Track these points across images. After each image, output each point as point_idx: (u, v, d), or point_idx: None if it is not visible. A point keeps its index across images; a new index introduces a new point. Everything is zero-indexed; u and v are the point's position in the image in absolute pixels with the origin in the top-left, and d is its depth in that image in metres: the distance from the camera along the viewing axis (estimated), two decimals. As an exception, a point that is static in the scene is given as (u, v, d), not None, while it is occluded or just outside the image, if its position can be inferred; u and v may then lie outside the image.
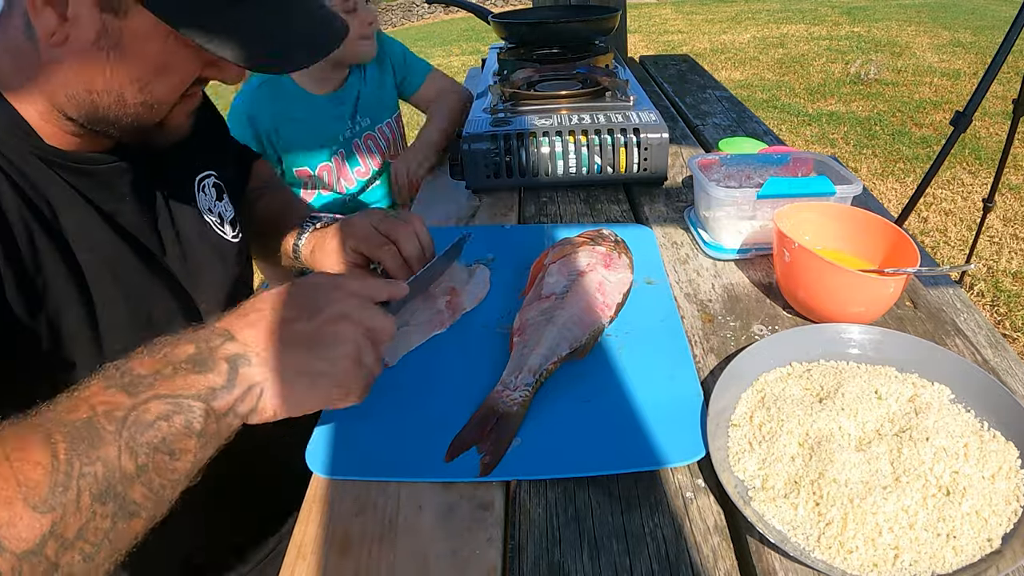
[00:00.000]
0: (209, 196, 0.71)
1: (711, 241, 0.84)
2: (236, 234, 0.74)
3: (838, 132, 4.20)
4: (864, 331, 0.63)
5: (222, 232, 0.71)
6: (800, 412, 0.54)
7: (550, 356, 0.61)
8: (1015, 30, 1.57)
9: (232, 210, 0.75)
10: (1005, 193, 3.06)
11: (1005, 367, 1.04)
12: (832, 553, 0.45)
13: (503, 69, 1.31)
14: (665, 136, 1.01)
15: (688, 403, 0.58)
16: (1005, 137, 1.88)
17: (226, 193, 0.75)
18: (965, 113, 1.71)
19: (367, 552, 0.47)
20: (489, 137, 1.02)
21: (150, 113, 0.54)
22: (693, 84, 1.74)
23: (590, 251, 0.75)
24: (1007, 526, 0.46)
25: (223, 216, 0.73)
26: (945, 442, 0.50)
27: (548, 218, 0.99)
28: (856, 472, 0.49)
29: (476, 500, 0.51)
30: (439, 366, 0.65)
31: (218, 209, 0.72)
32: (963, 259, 2.50)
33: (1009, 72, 2.92)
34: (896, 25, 7.31)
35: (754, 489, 0.50)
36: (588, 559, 0.46)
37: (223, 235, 0.71)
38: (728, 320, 0.72)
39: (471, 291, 0.75)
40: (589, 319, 0.66)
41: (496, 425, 0.56)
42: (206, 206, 0.70)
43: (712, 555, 0.46)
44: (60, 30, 0.48)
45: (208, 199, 0.71)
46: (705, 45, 7.10)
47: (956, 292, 1.27)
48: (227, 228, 0.72)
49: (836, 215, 0.76)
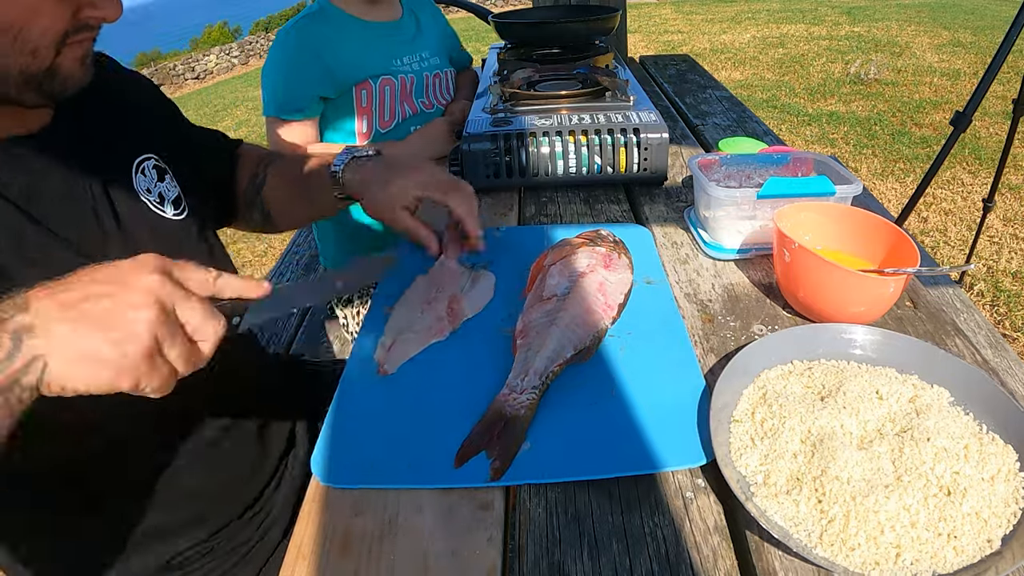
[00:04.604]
0: (149, 177, 0.71)
1: (711, 241, 0.84)
2: (179, 212, 0.73)
3: (838, 132, 4.21)
4: (864, 332, 0.63)
5: (161, 211, 0.71)
6: (802, 409, 0.54)
7: (555, 358, 0.61)
8: (1015, 30, 1.57)
9: (176, 189, 0.74)
10: (1005, 193, 3.06)
11: (1005, 367, 1.04)
12: (834, 550, 0.45)
13: (503, 69, 1.31)
14: (665, 136, 1.01)
15: (693, 406, 0.58)
16: (1005, 137, 1.88)
17: (169, 174, 0.74)
18: (965, 113, 1.71)
19: (367, 552, 0.47)
20: (489, 137, 1.02)
21: (35, 61, 0.54)
22: (693, 84, 1.75)
23: (590, 252, 0.75)
24: (1006, 528, 0.46)
25: (164, 196, 0.72)
26: (946, 443, 0.50)
27: (548, 218, 0.99)
28: (858, 470, 0.49)
29: (476, 500, 0.51)
30: (441, 371, 0.65)
31: (159, 189, 0.72)
32: (963, 259, 2.50)
33: (1009, 72, 2.93)
34: (896, 25, 7.32)
35: (756, 485, 0.50)
36: (588, 559, 0.46)
37: (162, 214, 0.70)
38: (728, 320, 0.72)
39: (473, 298, 0.74)
40: (592, 320, 0.66)
41: (504, 429, 0.55)
42: (144, 187, 0.70)
43: (712, 555, 0.46)
44: None
45: (148, 180, 0.71)
46: (705, 45, 7.10)
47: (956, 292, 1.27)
48: (167, 208, 0.72)
49: (836, 215, 0.76)
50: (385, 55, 1.32)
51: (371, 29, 1.31)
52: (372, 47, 1.30)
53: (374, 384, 0.63)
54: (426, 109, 1.37)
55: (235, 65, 12.47)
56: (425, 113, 1.37)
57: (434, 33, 1.44)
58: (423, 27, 1.41)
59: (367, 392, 0.62)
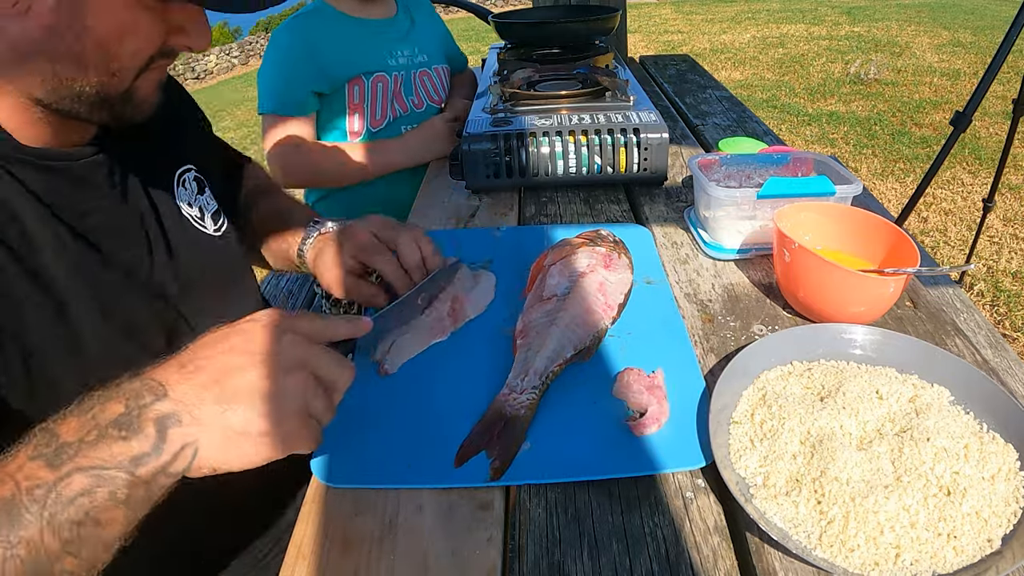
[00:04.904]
0: (190, 190, 0.70)
1: (711, 241, 0.84)
2: (218, 228, 0.72)
3: (838, 132, 4.21)
4: (864, 332, 0.63)
5: (202, 227, 0.70)
6: (801, 410, 0.54)
7: (555, 358, 0.61)
8: (1015, 30, 1.57)
9: (215, 203, 0.73)
10: (1005, 193, 3.06)
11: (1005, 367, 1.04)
12: (834, 551, 0.45)
13: (503, 69, 1.31)
14: (665, 136, 1.01)
15: (693, 407, 0.58)
16: (1005, 137, 1.88)
17: (208, 186, 0.73)
18: (965, 113, 1.71)
19: (367, 552, 0.47)
20: (489, 137, 1.02)
21: (113, 81, 0.53)
22: (693, 84, 1.74)
23: (590, 252, 0.75)
24: (1007, 527, 0.46)
25: (204, 209, 0.71)
26: (946, 443, 0.50)
27: (548, 218, 0.99)
28: (857, 471, 0.49)
29: (476, 500, 0.51)
30: (442, 370, 0.65)
31: (199, 202, 0.71)
32: (963, 259, 2.50)
33: (1009, 72, 2.93)
34: (896, 25, 7.32)
35: (755, 486, 0.50)
36: (588, 559, 0.46)
37: (203, 230, 0.70)
38: (728, 320, 0.72)
39: (475, 299, 0.74)
40: (592, 320, 0.66)
41: (504, 429, 0.55)
42: (186, 200, 0.69)
43: (712, 555, 0.46)
44: None
45: (189, 193, 0.70)
46: (705, 45, 7.10)
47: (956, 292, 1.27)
48: (208, 222, 0.71)
49: (836, 215, 0.76)
50: (378, 51, 1.32)
51: (365, 26, 1.32)
52: (365, 43, 1.31)
53: (374, 384, 0.63)
54: (416, 108, 1.37)
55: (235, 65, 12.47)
56: (416, 112, 1.37)
57: (428, 32, 1.44)
58: (417, 25, 1.41)
59: (367, 392, 0.62)
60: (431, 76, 1.41)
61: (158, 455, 0.41)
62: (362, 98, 1.30)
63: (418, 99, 1.38)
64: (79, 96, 0.52)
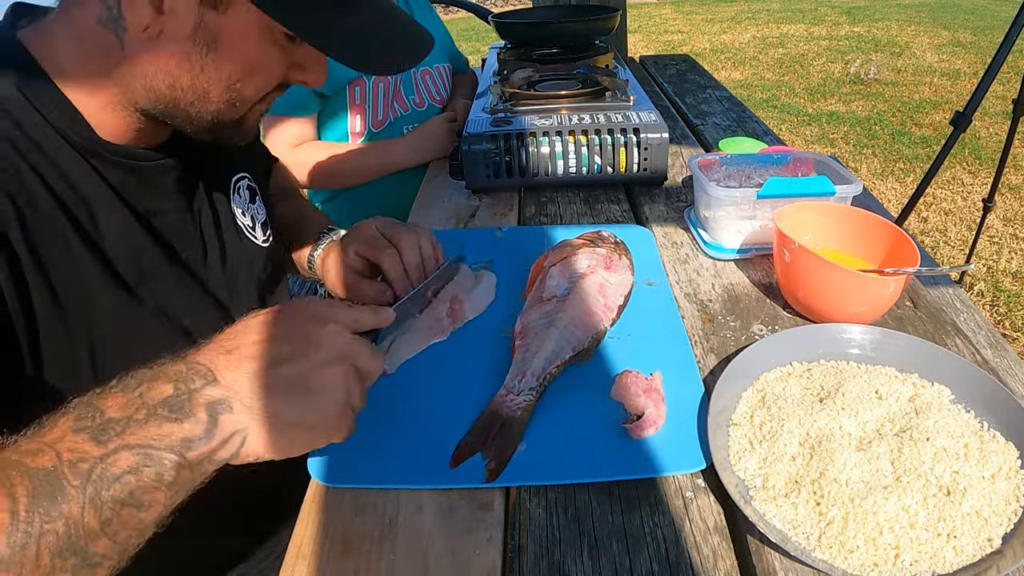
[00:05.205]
0: (243, 198, 0.71)
1: (711, 241, 0.84)
2: (266, 238, 0.73)
3: (838, 132, 4.20)
4: (864, 331, 0.63)
5: (253, 237, 0.71)
6: (800, 412, 0.54)
7: (553, 360, 0.61)
8: (1015, 30, 1.57)
9: (264, 213, 0.74)
10: (1005, 193, 3.06)
11: (1005, 367, 1.04)
12: (833, 553, 0.45)
13: (503, 69, 1.31)
14: (665, 136, 1.01)
15: (692, 410, 0.58)
16: (1005, 137, 1.88)
17: (258, 195, 0.74)
18: (965, 113, 1.71)
19: (367, 552, 0.47)
20: (489, 137, 1.02)
21: (232, 111, 0.54)
22: (693, 84, 1.74)
23: (590, 253, 0.75)
24: (1007, 526, 0.46)
25: (255, 219, 0.72)
26: (945, 442, 0.50)
27: (548, 218, 0.99)
28: (857, 472, 0.49)
29: (476, 500, 0.51)
30: (440, 371, 0.65)
31: (251, 212, 0.72)
32: (963, 259, 2.50)
33: (1009, 72, 2.93)
34: (896, 25, 7.31)
35: (755, 488, 0.50)
36: (588, 559, 0.46)
37: (254, 239, 0.71)
38: (728, 320, 0.72)
39: (475, 299, 0.74)
40: (591, 322, 0.66)
41: (500, 430, 0.55)
42: (240, 208, 0.70)
43: (712, 555, 0.46)
44: (155, 23, 0.47)
45: (242, 201, 0.70)
46: (705, 45, 7.10)
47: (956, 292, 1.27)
48: (258, 232, 0.72)
49: (836, 215, 0.76)
50: None
51: None
52: None
53: (374, 384, 0.63)
54: (417, 107, 1.37)
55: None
56: (417, 112, 1.36)
57: (429, 26, 1.44)
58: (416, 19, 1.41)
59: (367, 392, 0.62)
60: (432, 75, 1.40)
61: (208, 440, 0.40)
62: (363, 99, 1.30)
63: (419, 98, 1.38)
64: (194, 120, 0.53)
